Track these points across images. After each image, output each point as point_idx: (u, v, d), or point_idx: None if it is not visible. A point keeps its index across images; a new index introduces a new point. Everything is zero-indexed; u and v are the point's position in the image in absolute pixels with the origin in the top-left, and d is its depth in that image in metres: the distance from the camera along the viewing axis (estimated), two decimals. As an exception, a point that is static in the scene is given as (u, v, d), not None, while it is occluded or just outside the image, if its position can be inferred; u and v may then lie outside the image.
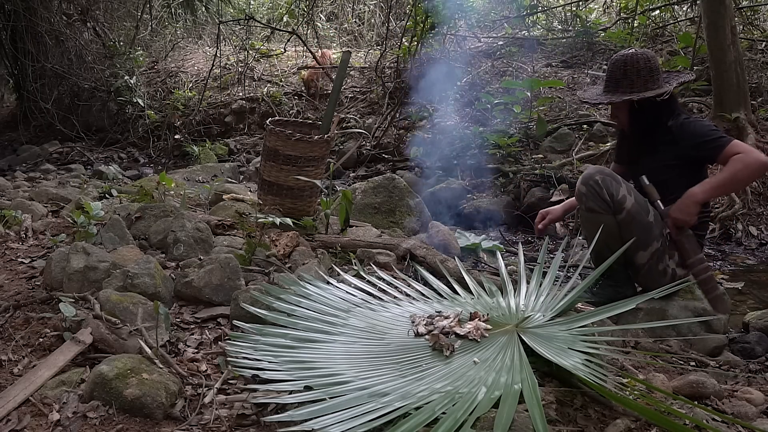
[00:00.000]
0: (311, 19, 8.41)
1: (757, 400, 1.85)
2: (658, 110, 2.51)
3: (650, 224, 2.43)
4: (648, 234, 2.43)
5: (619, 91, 2.54)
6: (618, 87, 2.54)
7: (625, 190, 2.41)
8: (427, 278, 2.43)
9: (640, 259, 2.46)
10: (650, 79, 2.52)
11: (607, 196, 2.40)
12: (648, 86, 2.51)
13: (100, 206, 2.75)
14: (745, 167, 2.31)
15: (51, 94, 7.18)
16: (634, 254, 2.45)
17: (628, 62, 2.53)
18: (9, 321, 2.01)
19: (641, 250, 2.44)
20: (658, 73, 2.55)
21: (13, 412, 1.58)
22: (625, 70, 2.53)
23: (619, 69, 2.54)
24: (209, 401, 1.65)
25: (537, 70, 6.84)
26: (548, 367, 1.74)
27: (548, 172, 4.74)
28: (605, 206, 2.40)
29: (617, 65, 2.55)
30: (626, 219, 2.40)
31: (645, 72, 2.51)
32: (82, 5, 7.78)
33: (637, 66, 2.51)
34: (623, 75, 2.53)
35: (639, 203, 2.43)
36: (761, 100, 5.40)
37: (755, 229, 4.14)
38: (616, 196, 2.39)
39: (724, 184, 2.41)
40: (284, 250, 2.66)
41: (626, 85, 2.52)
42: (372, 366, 1.73)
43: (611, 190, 2.40)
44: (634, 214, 2.40)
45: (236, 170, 5.90)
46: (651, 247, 2.44)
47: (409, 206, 3.70)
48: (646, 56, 2.54)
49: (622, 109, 2.58)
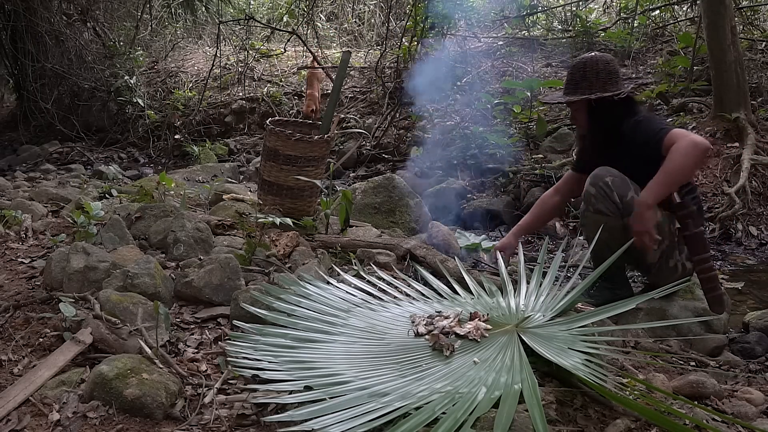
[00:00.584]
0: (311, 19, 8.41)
1: (757, 400, 1.86)
2: (616, 110, 2.51)
3: (659, 222, 2.41)
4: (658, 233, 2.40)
5: (578, 92, 2.55)
6: (577, 88, 2.56)
7: (633, 192, 2.40)
8: (427, 278, 2.43)
9: (651, 258, 2.44)
10: (609, 80, 2.53)
11: (617, 198, 2.38)
12: (606, 88, 2.51)
13: (100, 206, 2.75)
14: (683, 156, 2.27)
15: (51, 94, 7.18)
16: (644, 254, 2.43)
17: (587, 64, 2.55)
18: (9, 321, 2.01)
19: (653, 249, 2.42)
20: (617, 77, 2.56)
21: (13, 412, 1.58)
22: (584, 72, 2.54)
23: (578, 71, 2.56)
24: (209, 401, 1.65)
25: (537, 70, 6.84)
26: (548, 367, 1.74)
27: (548, 172, 4.74)
28: (614, 209, 2.39)
29: (577, 67, 2.58)
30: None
31: (604, 74, 2.52)
32: (82, 5, 7.78)
33: (596, 68, 2.53)
34: (582, 77, 2.54)
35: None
36: (761, 100, 5.40)
37: (755, 229, 4.14)
38: (625, 198, 2.38)
39: (668, 180, 2.33)
40: (284, 250, 2.66)
41: (585, 86, 2.54)
42: (372, 366, 1.73)
43: (621, 191, 2.39)
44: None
45: (236, 170, 5.90)
46: (661, 245, 2.42)
47: (409, 206, 3.70)
48: (606, 59, 2.56)
49: (581, 110, 2.59)
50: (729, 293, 2.77)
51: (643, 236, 2.33)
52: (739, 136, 4.67)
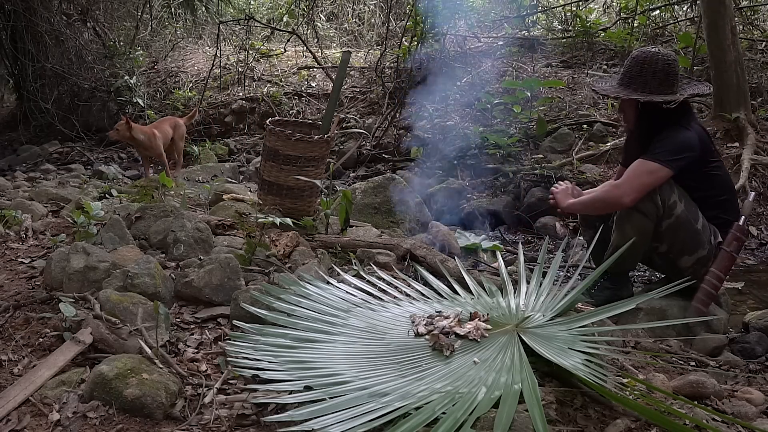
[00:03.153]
0: (311, 19, 8.41)
1: (757, 400, 1.86)
2: (665, 117, 2.44)
3: (698, 231, 2.42)
4: (695, 241, 2.42)
5: (630, 87, 2.49)
6: (631, 84, 2.49)
7: (676, 196, 2.39)
8: (427, 278, 2.43)
9: (684, 263, 2.46)
10: (665, 82, 2.44)
11: (659, 201, 2.37)
12: (661, 89, 2.44)
13: (100, 206, 2.75)
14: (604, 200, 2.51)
15: (51, 94, 7.17)
16: (678, 258, 2.45)
17: (646, 61, 2.46)
18: (9, 321, 2.01)
19: (686, 255, 2.45)
20: (675, 79, 2.47)
21: (13, 412, 1.58)
22: (642, 68, 2.47)
23: (636, 66, 2.49)
24: (209, 401, 1.65)
25: (537, 70, 6.84)
26: (548, 367, 1.74)
27: (548, 172, 4.74)
28: (654, 211, 2.37)
29: (635, 62, 2.49)
30: (674, 224, 2.39)
31: (661, 74, 2.44)
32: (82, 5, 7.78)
33: (654, 67, 2.44)
34: (639, 73, 2.47)
35: (689, 210, 2.41)
36: (761, 100, 5.40)
37: (755, 229, 4.14)
38: (668, 202, 2.38)
39: (587, 205, 2.63)
40: (284, 250, 2.66)
41: (639, 83, 2.47)
42: (372, 366, 1.73)
43: (665, 195, 2.38)
44: (684, 219, 2.39)
45: (236, 170, 5.90)
46: (697, 253, 2.43)
47: (409, 206, 3.70)
48: (668, 59, 2.46)
49: (630, 107, 2.54)
50: (729, 293, 2.77)
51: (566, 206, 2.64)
52: (739, 136, 4.67)
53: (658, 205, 2.37)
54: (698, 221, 2.42)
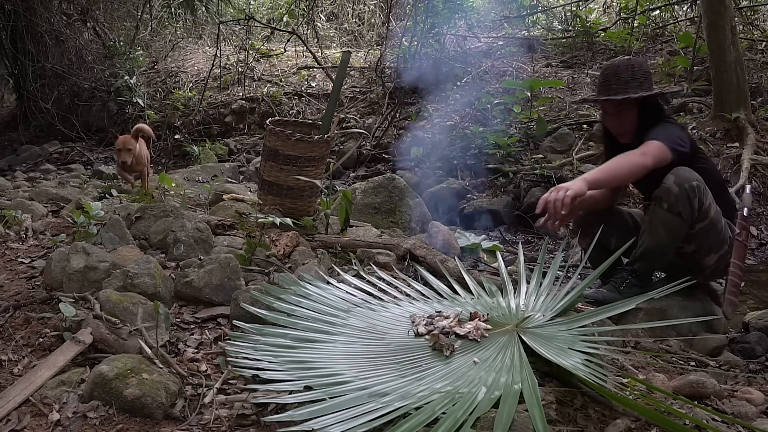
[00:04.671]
0: (311, 19, 8.41)
1: (757, 400, 1.85)
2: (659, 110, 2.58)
3: (723, 229, 2.45)
4: (721, 238, 2.45)
5: (630, 90, 2.54)
6: (628, 87, 2.55)
7: (710, 198, 2.40)
8: (427, 278, 2.43)
9: (710, 261, 2.47)
10: (650, 81, 2.59)
11: (696, 204, 2.35)
12: (652, 87, 2.58)
13: (100, 206, 2.75)
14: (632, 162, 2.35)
15: (51, 94, 7.18)
16: (704, 257, 2.47)
17: (634, 65, 2.57)
18: (9, 321, 2.01)
19: (713, 253, 2.46)
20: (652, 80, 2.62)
21: (13, 412, 1.58)
22: (633, 71, 2.55)
23: (627, 70, 2.56)
24: (209, 401, 1.65)
25: (537, 70, 6.84)
26: (548, 367, 1.74)
27: (548, 172, 4.74)
28: (690, 213, 2.36)
29: (624, 67, 2.57)
30: (707, 226, 2.40)
31: (648, 75, 2.59)
32: (82, 5, 7.78)
33: (643, 68, 2.58)
34: (632, 76, 2.55)
35: (718, 212, 2.44)
36: (761, 100, 5.40)
37: (755, 229, 4.14)
38: (704, 205, 2.37)
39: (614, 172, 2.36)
40: (284, 250, 2.66)
41: (636, 85, 2.54)
42: (372, 366, 1.72)
43: (703, 199, 2.36)
44: (715, 221, 2.41)
45: (236, 170, 5.90)
46: (722, 250, 2.46)
47: (409, 206, 3.70)
48: (640, 62, 2.62)
49: (631, 109, 2.57)
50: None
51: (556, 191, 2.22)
52: (739, 136, 4.67)
53: (694, 209, 2.36)
54: (721, 219, 2.46)
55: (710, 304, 2.56)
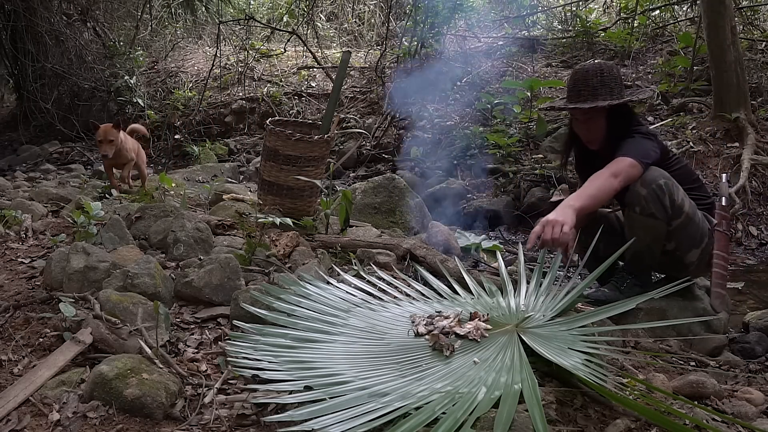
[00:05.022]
0: (311, 19, 8.41)
1: (757, 400, 1.86)
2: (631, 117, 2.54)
3: (701, 222, 2.44)
4: (701, 233, 2.43)
5: (599, 97, 2.50)
6: (597, 93, 2.51)
7: (682, 194, 2.39)
8: (427, 278, 2.43)
9: (692, 257, 2.46)
10: (620, 86, 2.55)
11: (668, 202, 2.35)
12: (623, 93, 2.53)
13: (100, 206, 2.75)
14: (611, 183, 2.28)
15: (51, 94, 7.18)
16: (686, 253, 2.44)
17: (604, 70, 2.52)
18: (9, 321, 2.01)
19: (694, 248, 2.44)
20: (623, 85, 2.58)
21: (13, 412, 1.58)
22: (602, 77, 2.51)
23: (596, 76, 2.52)
24: (209, 401, 1.65)
25: (537, 70, 6.84)
26: (548, 367, 1.74)
27: (548, 172, 4.74)
28: (663, 213, 2.35)
29: (593, 73, 2.53)
30: (684, 222, 2.38)
31: (619, 81, 2.55)
32: (82, 5, 7.78)
33: (612, 73, 2.53)
34: (601, 82, 2.51)
35: (692, 206, 2.42)
36: (761, 100, 5.40)
37: (755, 229, 4.14)
38: (677, 201, 2.36)
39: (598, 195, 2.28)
40: (284, 250, 2.66)
41: (605, 92, 2.51)
42: (372, 366, 1.72)
43: (674, 196, 2.35)
44: (691, 215, 2.40)
45: (236, 170, 5.90)
46: (702, 243, 2.44)
47: (409, 206, 3.70)
48: (611, 67, 2.57)
49: (600, 116, 2.54)
50: (729, 293, 2.77)
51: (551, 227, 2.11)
52: (739, 136, 4.67)
53: (666, 207, 2.36)
54: (697, 213, 2.44)
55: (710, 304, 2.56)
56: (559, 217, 2.12)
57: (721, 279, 2.42)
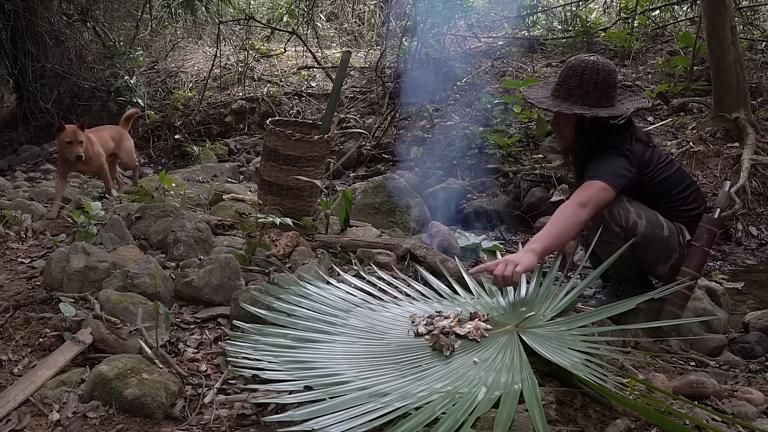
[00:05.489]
0: (311, 19, 8.41)
1: (757, 400, 1.86)
2: (607, 134, 2.32)
3: (666, 239, 2.32)
4: (666, 248, 2.33)
5: (570, 99, 2.32)
6: (570, 95, 2.32)
7: (635, 215, 2.27)
8: (427, 278, 2.43)
9: (661, 271, 2.39)
10: (606, 94, 2.32)
11: (616, 228, 2.27)
12: (601, 102, 2.30)
13: (100, 206, 2.75)
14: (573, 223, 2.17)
15: (51, 94, 7.17)
16: (654, 268, 2.38)
17: (587, 70, 2.30)
18: (9, 321, 2.01)
19: (662, 264, 2.36)
20: (615, 91, 2.35)
21: (13, 412, 1.58)
22: (581, 78, 2.31)
23: (575, 76, 2.32)
24: (209, 401, 1.65)
25: (537, 70, 6.84)
26: (548, 367, 1.74)
27: (548, 172, 4.74)
28: (617, 235, 2.28)
29: (575, 71, 2.32)
30: (641, 241, 2.28)
31: (603, 86, 2.31)
32: (82, 5, 7.78)
33: (595, 77, 2.30)
34: (578, 83, 2.31)
35: (651, 222, 2.29)
36: (761, 100, 5.40)
37: (755, 229, 4.14)
38: (627, 225, 2.27)
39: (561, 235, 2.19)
40: (284, 250, 2.66)
41: (579, 95, 2.31)
42: (372, 366, 1.73)
43: (620, 221, 2.26)
44: (649, 234, 2.29)
45: (236, 170, 5.90)
46: (671, 259, 2.34)
47: (409, 206, 3.70)
48: (608, 69, 2.32)
49: (569, 122, 2.38)
50: (729, 293, 2.77)
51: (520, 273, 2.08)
52: (739, 136, 4.67)
53: (617, 232, 2.27)
54: (663, 228, 2.32)
55: (710, 304, 2.56)
56: (516, 258, 2.09)
57: (680, 298, 2.27)
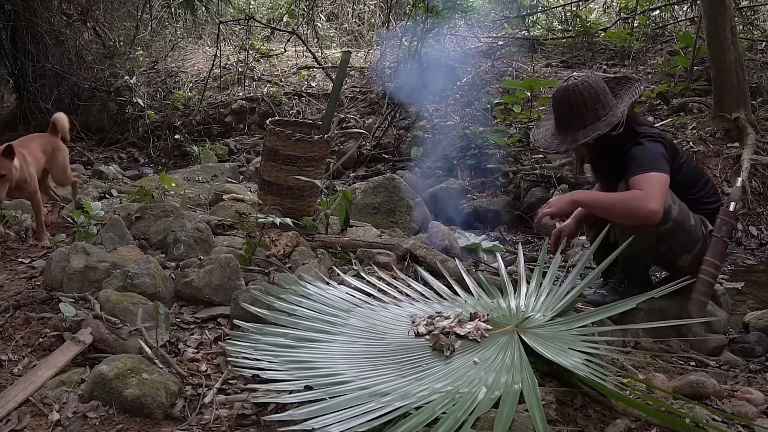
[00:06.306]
0: (311, 19, 8.41)
1: (757, 400, 1.86)
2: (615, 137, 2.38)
3: (693, 228, 2.36)
4: (692, 237, 2.36)
5: (571, 130, 2.42)
6: (569, 125, 2.42)
7: (670, 199, 2.30)
8: (427, 279, 2.43)
9: (683, 262, 2.41)
10: (598, 105, 2.38)
11: None
12: (599, 114, 2.38)
13: (100, 206, 2.76)
14: (631, 203, 2.24)
15: (51, 94, 7.17)
16: (677, 258, 2.40)
17: (571, 96, 2.39)
18: (9, 321, 2.01)
19: (686, 254, 2.39)
20: (605, 94, 2.41)
21: (13, 412, 1.58)
22: (570, 104, 2.40)
23: (563, 105, 2.42)
24: (209, 401, 1.65)
25: (537, 70, 6.84)
26: (548, 367, 1.74)
27: (548, 172, 4.74)
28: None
29: (562, 102, 2.42)
30: (672, 228, 2.31)
31: (591, 101, 2.38)
32: (82, 5, 7.78)
33: (581, 98, 2.38)
34: (570, 112, 2.40)
35: (682, 210, 2.34)
36: (761, 100, 5.40)
37: (755, 229, 4.14)
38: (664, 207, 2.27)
39: (604, 204, 2.34)
40: (284, 250, 2.66)
41: (576, 122, 2.40)
42: (372, 366, 1.73)
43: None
44: (680, 221, 2.32)
45: (236, 170, 5.90)
46: (695, 249, 2.38)
47: (409, 206, 3.70)
48: (587, 83, 2.39)
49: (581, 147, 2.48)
50: (729, 293, 2.77)
51: (546, 214, 2.41)
52: (739, 136, 4.67)
53: None
54: (690, 218, 2.37)
55: (710, 304, 2.56)
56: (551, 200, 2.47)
57: (706, 287, 2.33)
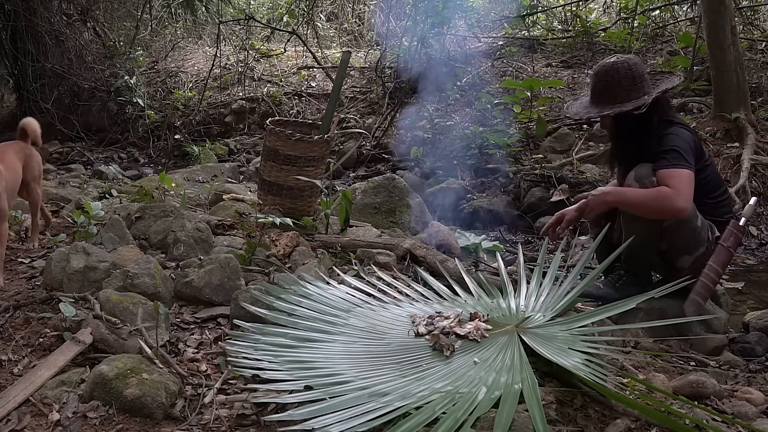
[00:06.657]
0: (311, 19, 8.41)
1: (757, 400, 1.86)
2: (640, 120, 2.42)
3: (699, 229, 2.35)
4: (695, 239, 2.36)
5: (601, 104, 2.48)
6: (600, 100, 2.48)
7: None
8: (427, 279, 2.43)
9: (683, 263, 2.40)
10: (633, 88, 2.43)
11: None
12: (631, 96, 2.42)
13: (100, 206, 2.75)
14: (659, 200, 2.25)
15: (51, 94, 7.17)
16: (677, 258, 2.40)
17: (609, 73, 2.45)
18: (9, 321, 2.01)
19: (686, 255, 2.38)
20: (642, 80, 2.45)
21: (13, 412, 1.58)
22: (606, 82, 2.46)
23: (600, 81, 2.48)
24: (209, 401, 1.65)
25: (537, 70, 6.84)
26: (548, 367, 1.74)
27: (548, 172, 4.73)
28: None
29: (599, 77, 2.49)
30: (676, 225, 2.31)
31: (627, 81, 2.43)
32: (82, 5, 7.77)
33: (617, 76, 2.43)
34: (604, 88, 2.46)
35: (693, 209, 2.33)
36: (761, 100, 5.40)
37: (755, 229, 4.14)
38: None
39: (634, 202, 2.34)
40: (284, 250, 2.66)
41: (608, 97, 2.45)
42: (372, 366, 1.73)
43: None
44: (686, 220, 2.31)
45: (236, 170, 5.90)
46: (697, 251, 2.37)
47: (409, 206, 3.70)
48: (627, 64, 2.45)
49: (606, 120, 2.52)
50: (729, 293, 2.77)
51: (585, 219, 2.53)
52: (739, 136, 4.67)
53: None
54: (698, 219, 2.37)
55: (710, 304, 2.56)
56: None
57: (705, 289, 2.33)
